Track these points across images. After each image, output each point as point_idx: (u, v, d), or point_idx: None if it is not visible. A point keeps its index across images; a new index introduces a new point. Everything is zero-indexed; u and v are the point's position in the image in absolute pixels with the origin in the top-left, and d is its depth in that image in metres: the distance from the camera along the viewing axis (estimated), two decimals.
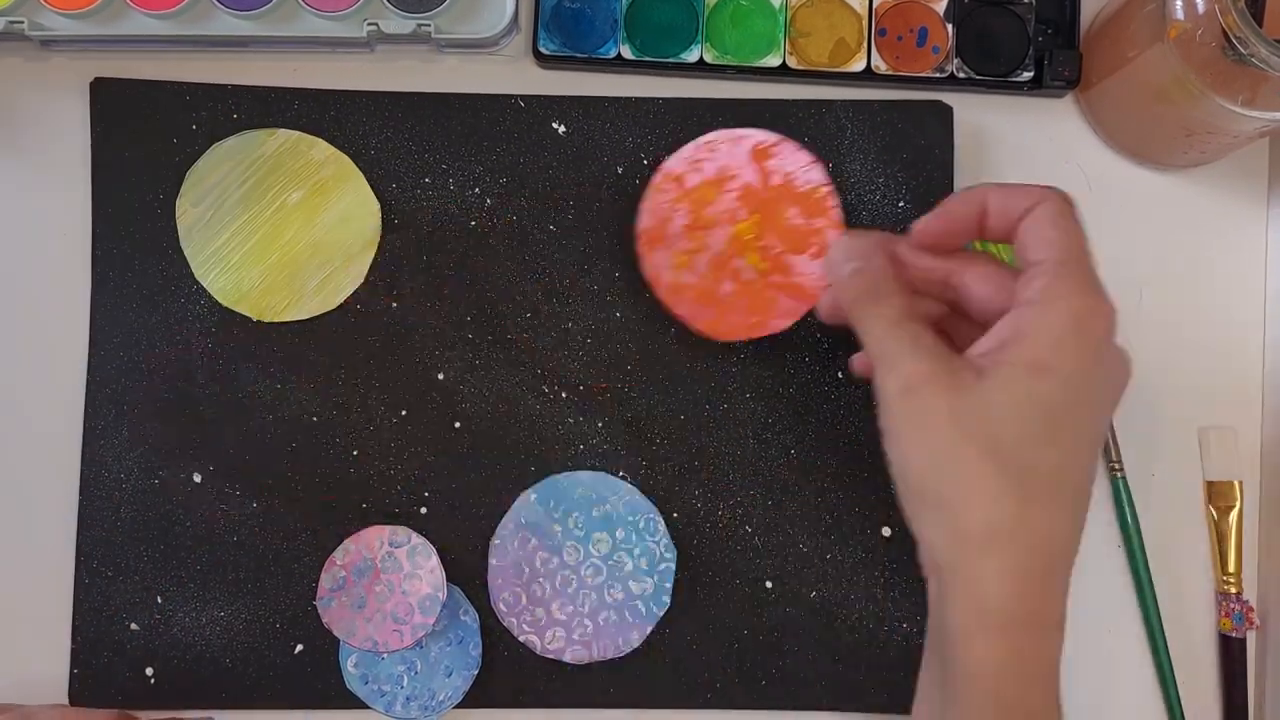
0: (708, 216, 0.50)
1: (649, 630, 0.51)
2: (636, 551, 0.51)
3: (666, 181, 0.50)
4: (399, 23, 0.51)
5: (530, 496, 0.51)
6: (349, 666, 0.51)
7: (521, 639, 0.51)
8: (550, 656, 0.51)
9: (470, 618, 0.51)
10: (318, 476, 0.52)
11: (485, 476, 0.52)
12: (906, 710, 0.51)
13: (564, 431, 0.52)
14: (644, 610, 0.51)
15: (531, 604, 0.51)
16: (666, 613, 0.51)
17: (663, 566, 0.51)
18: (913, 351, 0.40)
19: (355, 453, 0.52)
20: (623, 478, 0.52)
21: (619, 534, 0.51)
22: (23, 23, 0.50)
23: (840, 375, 0.52)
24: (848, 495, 0.52)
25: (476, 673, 0.51)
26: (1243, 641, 0.52)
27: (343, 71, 0.53)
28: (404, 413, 0.52)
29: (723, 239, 0.50)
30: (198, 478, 0.52)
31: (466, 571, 0.52)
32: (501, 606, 0.51)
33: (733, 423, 0.52)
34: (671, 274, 0.50)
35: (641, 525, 0.51)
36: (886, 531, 0.52)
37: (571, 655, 0.51)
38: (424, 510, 0.52)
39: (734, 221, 0.50)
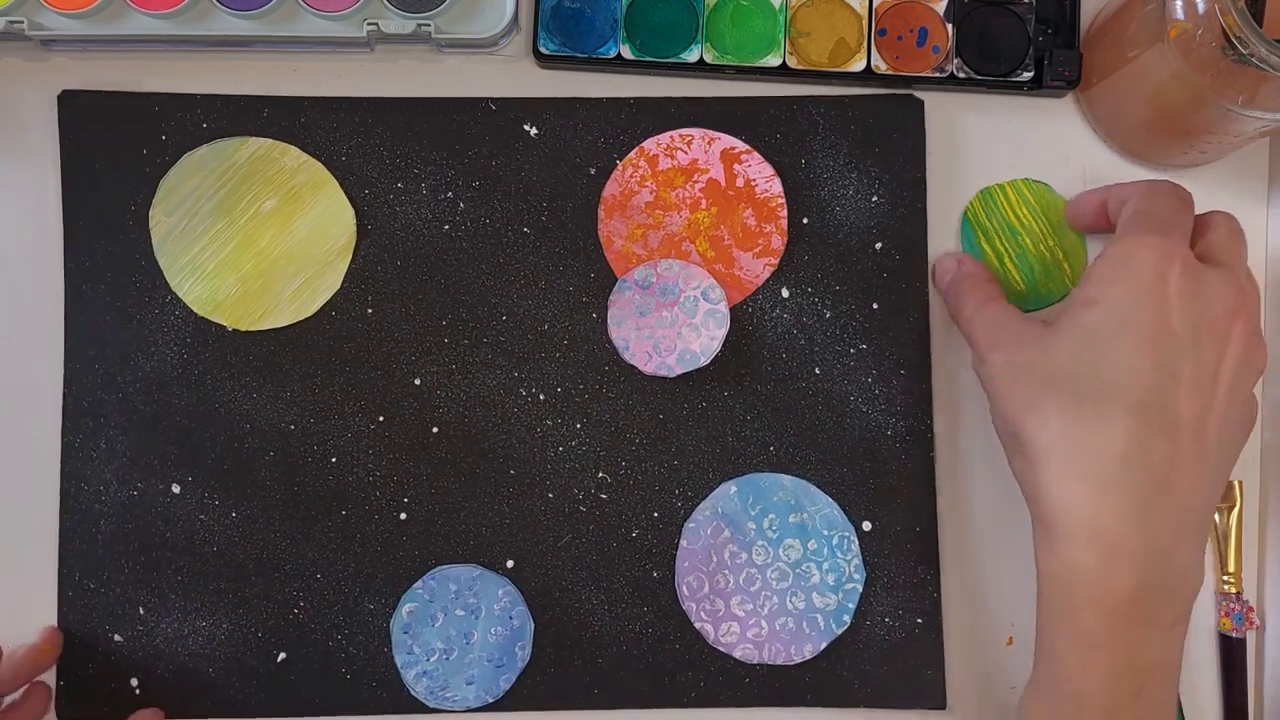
0: (671, 199, 0.52)
1: (824, 646, 0.51)
2: (825, 566, 0.51)
3: (640, 158, 0.52)
4: (399, 23, 0.51)
5: (731, 488, 0.52)
6: (403, 611, 0.51)
7: (697, 626, 0.51)
8: (720, 650, 0.51)
9: (520, 620, 0.51)
10: (296, 484, 0.52)
11: (464, 481, 0.52)
12: (888, 706, 0.52)
13: (542, 433, 0.52)
14: (823, 625, 0.51)
15: (713, 594, 0.51)
16: (648, 609, 0.51)
17: (849, 586, 0.51)
18: (983, 331, 0.48)
19: (333, 460, 0.52)
20: (602, 478, 0.52)
21: (811, 545, 0.51)
22: (23, 23, 0.50)
23: (818, 371, 0.52)
24: (827, 490, 0.52)
25: (497, 700, 0.51)
26: (1243, 641, 0.52)
27: (342, 72, 0.53)
28: (381, 419, 0.52)
29: (680, 222, 0.52)
30: (176, 489, 0.52)
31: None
32: (684, 590, 0.51)
33: (711, 421, 0.52)
34: (623, 242, 0.52)
35: (835, 541, 0.51)
36: (867, 525, 0.52)
37: (741, 653, 0.51)
38: (403, 515, 0.52)
39: (695, 209, 0.52)
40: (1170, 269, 0.43)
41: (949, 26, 0.53)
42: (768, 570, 0.51)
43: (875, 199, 0.53)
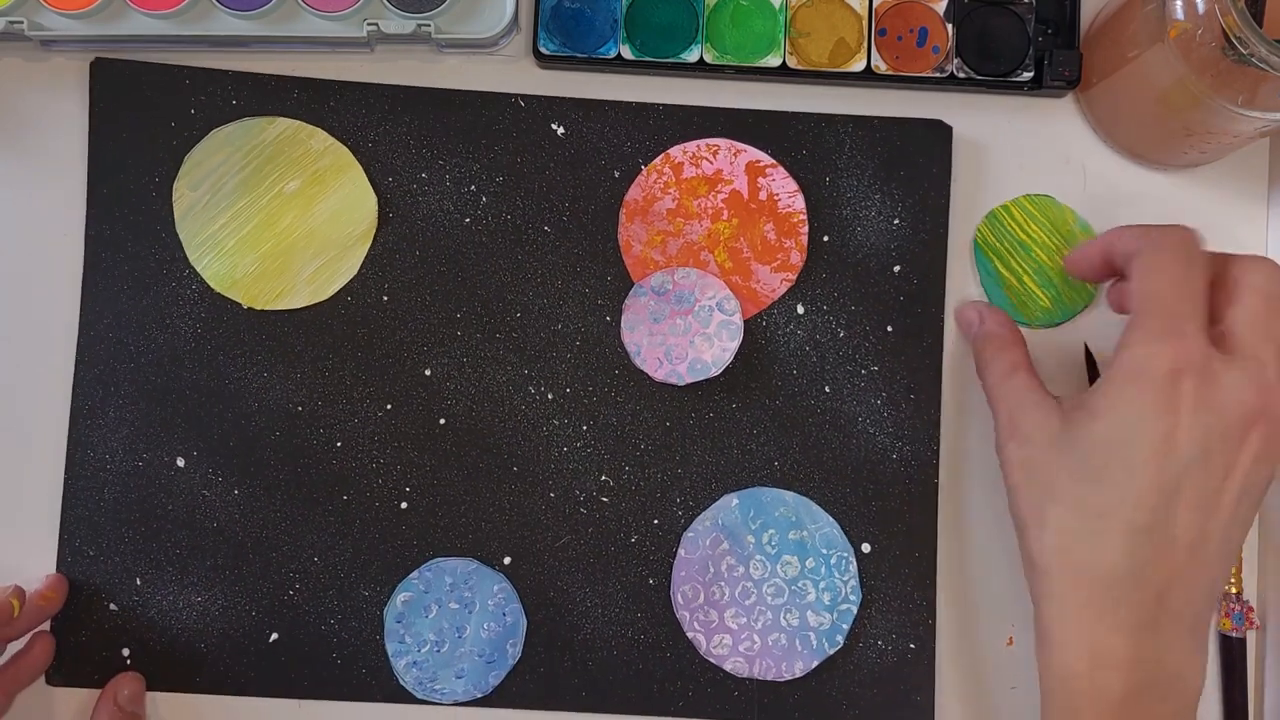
0: (693, 208, 0.52)
1: (814, 665, 0.51)
2: (822, 585, 0.51)
3: (665, 165, 0.52)
4: (399, 23, 0.51)
5: (732, 501, 0.52)
6: (398, 599, 0.51)
7: (690, 635, 0.51)
8: (711, 661, 0.51)
9: (512, 616, 0.51)
10: (300, 466, 0.52)
11: (467, 474, 0.52)
12: None
13: (548, 433, 0.52)
14: (815, 643, 0.51)
15: (708, 604, 0.51)
16: (641, 615, 0.51)
17: (844, 607, 0.51)
18: (1004, 411, 0.47)
19: (339, 444, 0.52)
20: (605, 482, 0.52)
21: (809, 563, 0.51)
22: (22, 23, 0.50)
23: (828, 390, 0.52)
24: (829, 509, 0.52)
25: (485, 695, 0.51)
26: (1243, 641, 0.52)
27: (342, 71, 0.53)
28: (389, 407, 0.52)
29: (700, 231, 0.52)
30: (181, 462, 0.52)
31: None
32: (679, 599, 0.51)
33: (717, 432, 0.52)
34: (642, 248, 0.52)
35: (833, 561, 0.51)
36: (866, 547, 0.52)
37: (732, 666, 0.51)
38: (404, 505, 0.52)
39: (716, 219, 0.52)
40: (1183, 379, 0.42)
41: (949, 26, 0.53)
42: (764, 585, 0.51)
43: (897, 222, 0.53)
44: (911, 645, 0.51)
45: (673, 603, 0.51)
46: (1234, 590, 0.52)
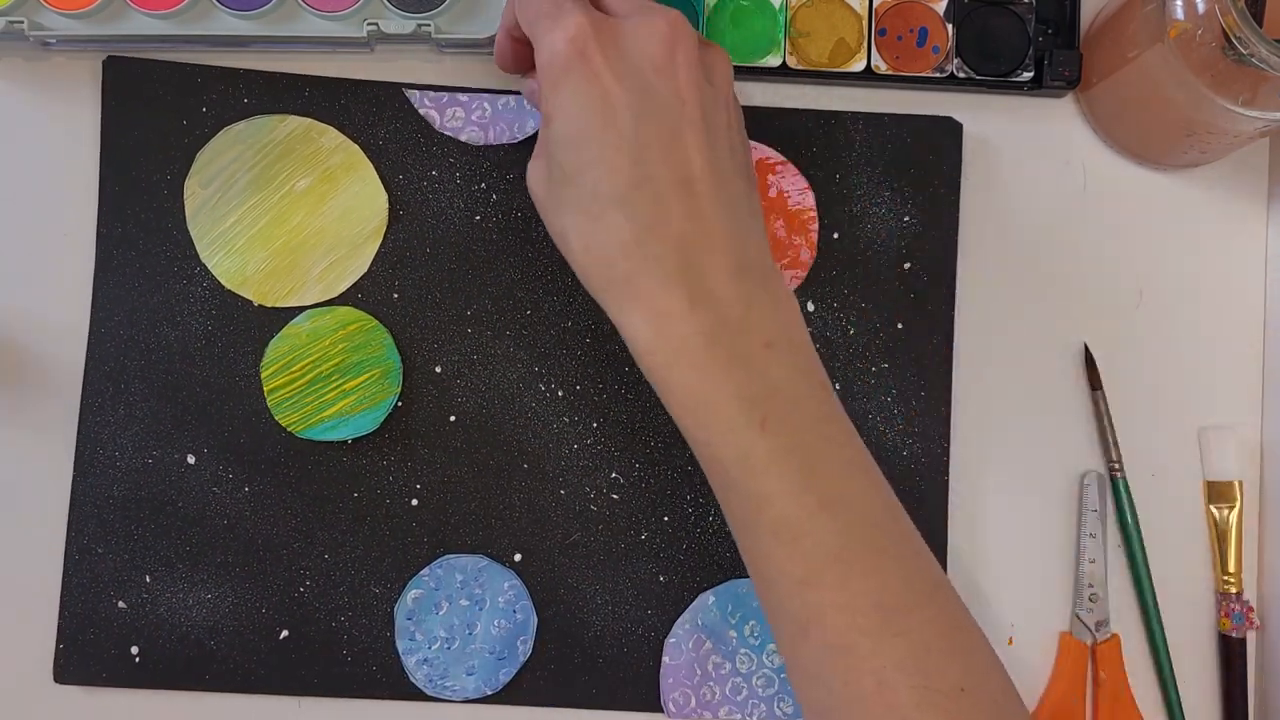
0: None
1: None
2: None
3: None
4: (399, 23, 0.51)
5: (709, 599, 0.51)
6: (408, 597, 0.51)
7: None
8: None
9: (522, 613, 0.51)
10: (310, 463, 0.52)
11: (478, 471, 0.52)
12: None
13: (558, 430, 0.52)
14: None
15: (700, 707, 0.51)
16: (652, 612, 0.51)
17: None
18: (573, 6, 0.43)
19: (349, 441, 0.52)
20: (615, 479, 0.52)
21: None
22: (23, 23, 0.50)
23: (838, 387, 0.52)
24: None
25: (496, 692, 0.51)
26: (1243, 641, 0.52)
27: (342, 71, 0.53)
28: (399, 404, 0.52)
29: None
30: (191, 459, 0.52)
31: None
32: (671, 706, 0.51)
33: None
34: None
35: None
36: None
37: None
38: (414, 502, 0.52)
39: None
40: (588, 49, 0.42)
41: (949, 26, 0.53)
42: (753, 678, 0.51)
43: (907, 219, 0.53)
44: None
45: (665, 710, 0.51)
46: (1234, 590, 0.52)
